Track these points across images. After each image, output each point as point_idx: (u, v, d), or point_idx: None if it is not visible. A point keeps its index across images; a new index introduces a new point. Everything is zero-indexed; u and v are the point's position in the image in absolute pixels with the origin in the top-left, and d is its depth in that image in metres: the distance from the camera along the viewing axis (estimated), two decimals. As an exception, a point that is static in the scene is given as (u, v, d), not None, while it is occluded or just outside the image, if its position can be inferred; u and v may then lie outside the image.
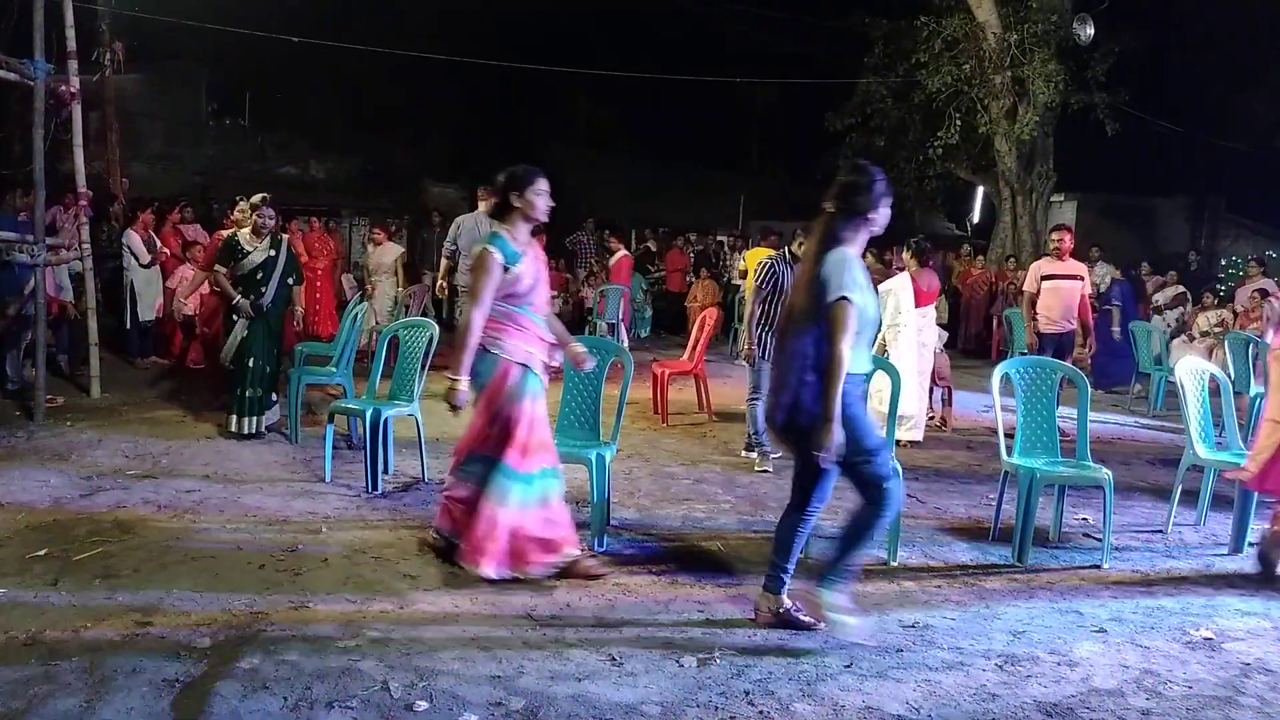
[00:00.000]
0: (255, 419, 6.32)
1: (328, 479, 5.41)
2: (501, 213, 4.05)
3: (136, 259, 9.04)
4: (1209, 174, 19.21)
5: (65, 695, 2.86)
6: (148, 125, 17.24)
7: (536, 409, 4.00)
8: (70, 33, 7.28)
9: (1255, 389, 7.76)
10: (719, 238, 17.73)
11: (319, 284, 10.77)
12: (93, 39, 11.48)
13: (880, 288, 7.09)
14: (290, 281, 6.48)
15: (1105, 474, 4.59)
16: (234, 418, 6.29)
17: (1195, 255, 15.82)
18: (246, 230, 6.38)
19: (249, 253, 6.30)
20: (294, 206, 13.57)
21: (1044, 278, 7.69)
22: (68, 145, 7.30)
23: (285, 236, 6.65)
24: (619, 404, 4.75)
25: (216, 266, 6.31)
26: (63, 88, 7.09)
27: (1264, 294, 10.34)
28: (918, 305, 7.10)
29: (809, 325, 3.35)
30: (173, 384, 8.27)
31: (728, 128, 27.07)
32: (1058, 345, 7.53)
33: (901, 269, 7.55)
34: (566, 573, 3.99)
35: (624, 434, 5.27)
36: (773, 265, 6.25)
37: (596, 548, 4.41)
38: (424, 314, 10.93)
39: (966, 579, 4.29)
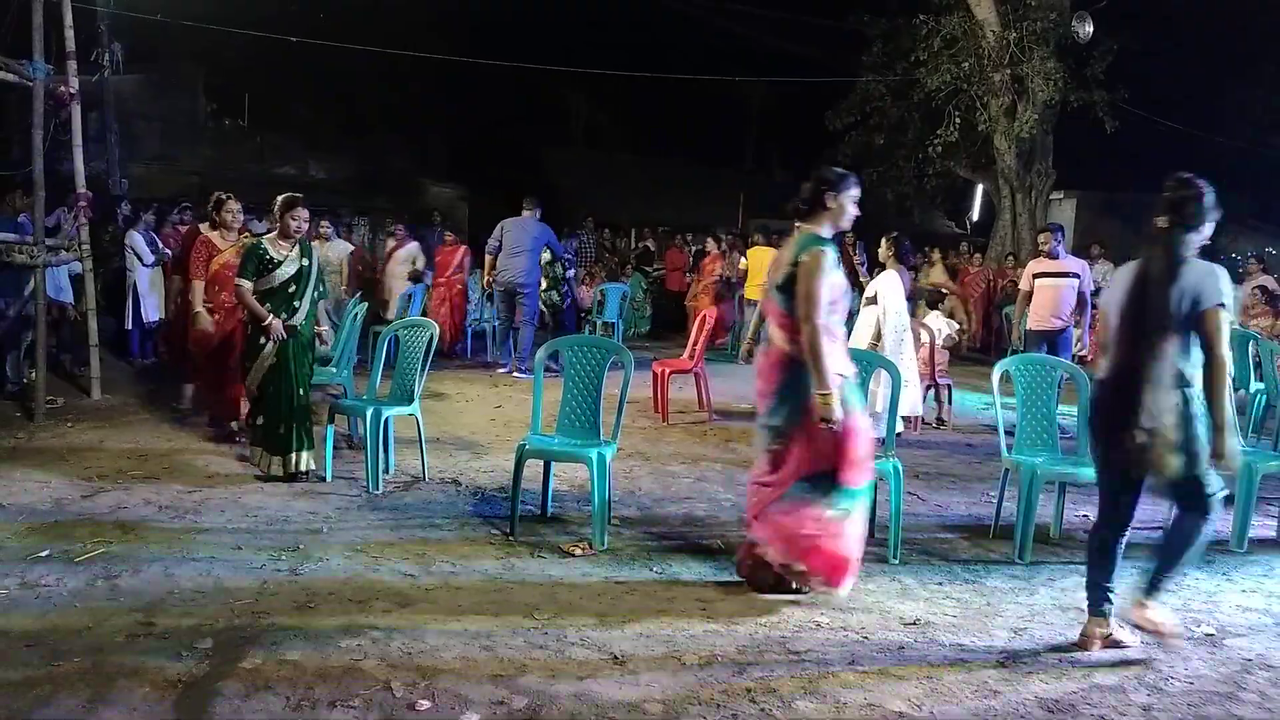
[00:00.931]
0: (296, 455, 5.33)
1: (328, 478, 5.41)
2: (809, 214, 3.81)
3: (140, 259, 9.04)
4: (1208, 171, 19.16)
5: (68, 696, 2.87)
6: (146, 126, 17.24)
7: (860, 420, 3.80)
8: (69, 33, 7.28)
9: (1254, 385, 7.77)
10: (719, 236, 17.69)
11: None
12: (92, 40, 11.48)
13: (873, 288, 7.06)
14: (318, 294, 5.56)
15: (1106, 471, 4.59)
16: (271, 459, 5.31)
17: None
18: (273, 234, 5.42)
19: (279, 262, 5.31)
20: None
21: (1035, 276, 7.75)
22: (67, 146, 7.30)
23: (315, 242, 5.87)
24: (619, 403, 4.75)
25: (240, 280, 5.30)
26: (62, 88, 7.09)
27: (1264, 290, 10.35)
28: None
29: (1160, 341, 3.27)
30: (173, 385, 8.26)
31: (726, 126, 27.11)
32: (1048, 342, 7.58)
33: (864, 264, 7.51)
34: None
35: (624, 433, 5.27)
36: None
37: (597, 546, 4.41)
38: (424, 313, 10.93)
39: (967, 576, 4.29)
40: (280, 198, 5.45)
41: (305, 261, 5.40)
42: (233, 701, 2.87)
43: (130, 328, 9.13)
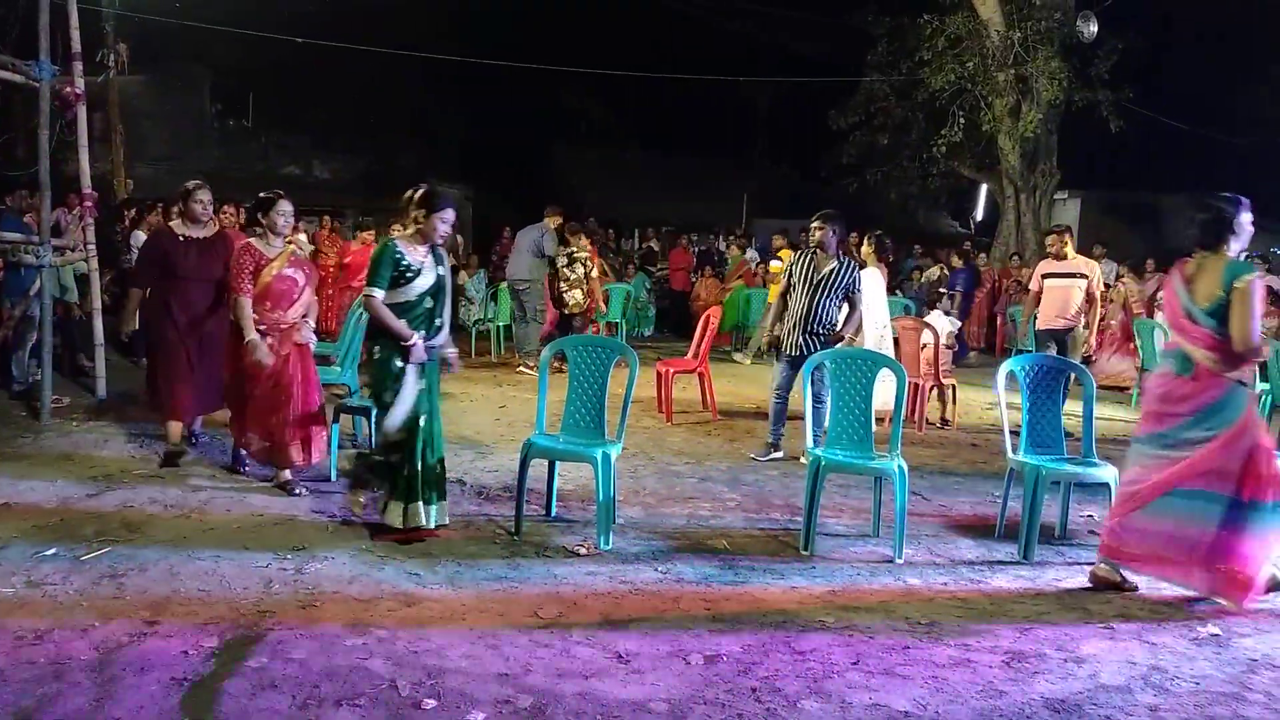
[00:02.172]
0: (437, 506, 4.46)
1: (334, 478, 5.41)
2: (1218, 242, 4.01)
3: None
4: (1214, 170, 19.16)
5: (74, 694, 2.87)
6: (151, 126, 17.29)
7: (1268, 436, 3.96)
8: (75, 34, 7.28)
9: (1260, 385, 7.75)
10: (720, 236, 17.69)
11: (330, 282, 10.79)
12: (97, 40, 11.50)
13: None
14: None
15: (1111, 471, 4.59)
16: (403, 506, 4.37)
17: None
18: (406, 235, 4.46)
19: (418, 271, 4.39)
20: (298, 207, 13.58)
21: (1044, 277, 7.80)
22: (72, 147, 7.31)
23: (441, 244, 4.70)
24: (624, 402, 4.75)
25: (371, 289, 4.33)
26: (67, 89, 7.09)
27: (1269, 290, 10.35)
28: None
29: None
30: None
31: (731, 125, 27.09)
32: (1057, 341, 7.66)
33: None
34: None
35: (628, 432, 5.26)
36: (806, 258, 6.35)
37: (602, 546, 4.41)
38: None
39: (972, 576, 4.29)
40: (417, 192, 4.44)
41: (441, 270, 4.52)
42: (239, 700, 2.88)
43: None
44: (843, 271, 6.21)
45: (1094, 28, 14.63)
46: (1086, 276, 7.69)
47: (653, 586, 3.97)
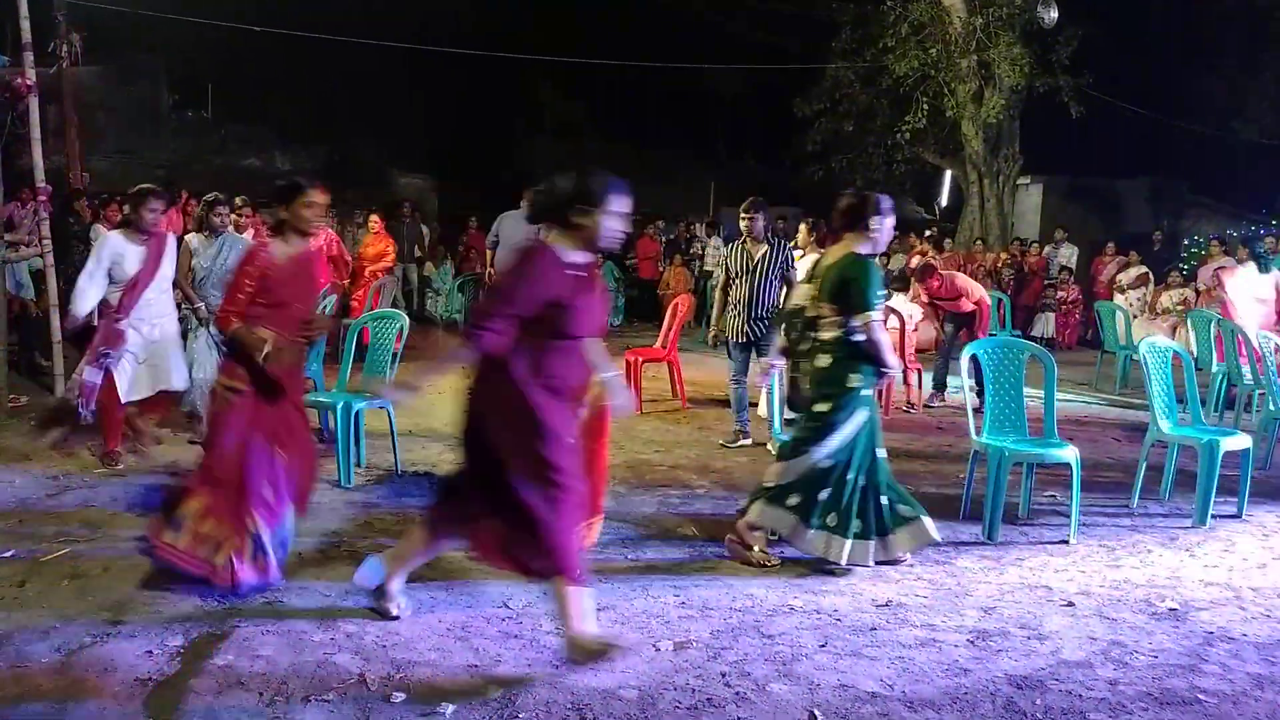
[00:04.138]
0: (889, 538, 4.04)
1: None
2: None
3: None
4: (1172, 156, 19.49)
5: (36, 697, 2.83)
6: (107, 118, 16.93)
7: None
8: (25, 24, 7.11)
9: (1217, 366, 7.92)
10: (689, 224, 17.70)
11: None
12: (49, 30, 11.24)
13: (804, 268, 7.06)
14: None
15: (1072, 452, 4.66)
16: (837, 540, 3.94)
17: (1158, 235, 16.04)
18: (856, 242, 4.06)
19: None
20: (259, 199, 13.40)
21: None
22: (25, 140, 7.16)
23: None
24: (592, 392, 4.74)
25: (873, 315, 3.92)
26: (18, 80, 6.95)
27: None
28: None
29: None
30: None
31: (698, 115, 27.08)
32: (955, 323, 8.29)
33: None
34: None
35: (597, 422, 5.26)
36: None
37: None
38: (394, 305, 10.86)
39: (938, 557, 4.34)
40: (859, 200, 4.02)
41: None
42: (205, 698, 2.85)
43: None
44: (774, 254, 6.34)
45: (1054, 14, 14.77)
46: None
47: (622, 574, 3.99)
